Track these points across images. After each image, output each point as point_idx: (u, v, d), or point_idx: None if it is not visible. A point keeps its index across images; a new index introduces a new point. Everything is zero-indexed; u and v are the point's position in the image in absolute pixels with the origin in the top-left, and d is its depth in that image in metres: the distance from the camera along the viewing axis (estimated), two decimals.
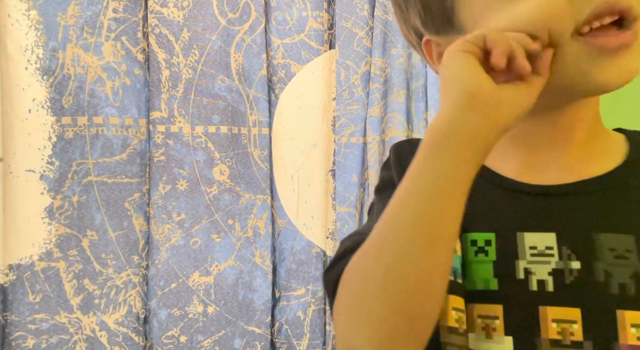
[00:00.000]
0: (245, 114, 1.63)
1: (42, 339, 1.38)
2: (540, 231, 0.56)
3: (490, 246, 0.57)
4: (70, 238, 1.42)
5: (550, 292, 0.53)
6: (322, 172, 1.74)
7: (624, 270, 0.52)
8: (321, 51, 1.73)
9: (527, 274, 0.55)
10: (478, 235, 0.57)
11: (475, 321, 0.55)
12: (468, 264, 0.57)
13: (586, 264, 0.53)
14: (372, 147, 1.82)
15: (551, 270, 0.54)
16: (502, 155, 0.61)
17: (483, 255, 0.57)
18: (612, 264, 0.53)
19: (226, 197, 1.61)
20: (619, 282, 0.52)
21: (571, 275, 0.53)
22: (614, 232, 0.54)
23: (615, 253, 0.53)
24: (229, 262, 1.61)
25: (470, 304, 0.56)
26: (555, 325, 0.52)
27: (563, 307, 0.53)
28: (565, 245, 0.55)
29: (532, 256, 0.55)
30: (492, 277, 0.56)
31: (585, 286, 0.53)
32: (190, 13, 1.56)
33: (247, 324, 1.61)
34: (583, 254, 0.54)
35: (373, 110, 1.82)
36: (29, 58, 1.38)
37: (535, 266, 0.55)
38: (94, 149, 1.44)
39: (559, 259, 0.54)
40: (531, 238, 0.56)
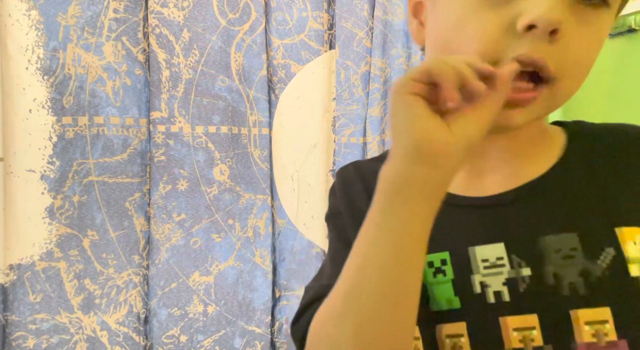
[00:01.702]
0: (246, 114, 1.64)
1: (42, 339, 1.38)
2: (490, 243, 0.56)
3: (446, 265, 0.57)
4: (71, 238, 1.42)
5: (507, 302, 0.54)
6: (323, 172, 1.74)
7: (572, 270, 0.53)
8: (321, 51, 1.74)
9: (483, 287, 0.55)
10: (434, 257, 0.57)
11: (445, 342, 0.56)
12: (429, 285, 0.57)
13: (536, 269, 0.54)
14: (372, 148, 1.82)
15: (505, 280, 0.55)
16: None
17: (441, 275, 0.57)
18: (560, 265, 0.53)
19: (226, 197, 1.61)
20: (568, 282, 0.53)
21: (524, 282, 0.54)
22: (557, 233, 0.54)
23: (562, 253, 0.54)
24: (229, 261, 1.61)
25: (438, 325, 0.56)
26: (517, 334, 0.53)
27: (521, 315, 0.53)
28: (514, 254, 0.55)
29: (485, 269, 0.56)
30: (454, 296, 0.56)
31: (538, 291, 0.53)
32: (190, 13, 1.56)
33: (247, 324, 1.62)
34: (532, 260, 0.54)
35: (373, 111, 1.83)
36: (29, 58, 1.37)
37: (490, 278, 0.55)
38: (94, 149, 1.44)
39: (511, 267, 0.55)
40: (482, 251, 0.56)
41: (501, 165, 0.60)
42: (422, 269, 0.49)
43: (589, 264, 0.52)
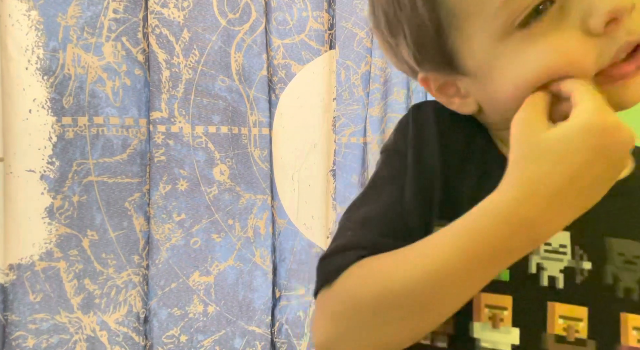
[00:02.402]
0: (246, 114, 1.64)
1: (42, 339, 1.39)
2: None
3: None
4: (71, 238, 1.42)
5: (560, 289, 0.54)
6: (323, 172, 1.74)
7: (631, 275, 0.54)
8: (321, 51, 1.73)
9: (539, 269, 0.55)
10: None
11: (482, 310, 0.55)
12: None
13: (597, 266, 0.54)
14: (372, 147, 1.82)
15: (563, 268, 0.55)
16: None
17: None
18: (620, 268, 0.54)
19: (226, 197, 1.61)
20: (625, 286, 0.54)
21: (582, 275, 0.54)
22: (624, 238, 0.55)
23: (624, 258, 0.54)
24: (229, 261, 1.61)
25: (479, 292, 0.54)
26: (562, 322, 0.53)
27: (571, 305, 0.54)
28: (579, 245, 0.55)
29: (546, 252, 0.56)
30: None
31: (594, 287, 0.54)
32: (190, 13, 1.56)
33: (247, 324, 1.62)
34: (595, 256, 0.55)
35: (373, 110, 1.82)
36: (29, 58, 1.38)
37: (548, 262, 0.55)
38: (94, 149, 1.44)
39: (572, 257, 0.55)
40: None
41: None
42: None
43: None
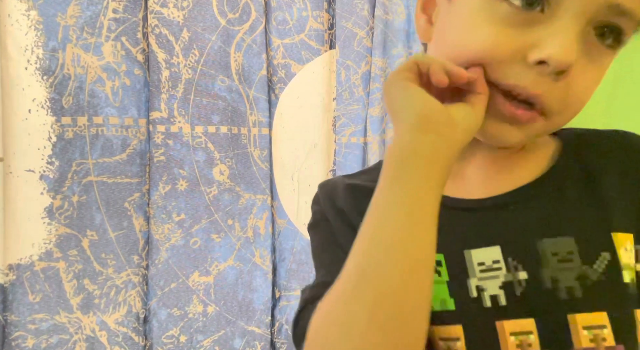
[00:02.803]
0: (245, 114, 1.63)
1: (42, 339, 1.38)
2: (485, 246, 0.56)
3: (441, 267, 0.56)
4: (70, 238, 1.42)
5: (503, 306, 0.53)
6: (323, 172, 1.74)
7: (569, 274, 0.52)
8: (321, 51, 1.73)
9: (479, 290, 0.55)
10: None
11: (439, 343, 0.55)
12: None
13: (533, 273, 0.53)
14: (373, 147, 1.82)
15: (501, 284, 0.54)
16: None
17: (436, 275, 0.56)
18: (557, 269, 0.53)
19: (226, 197, 1.61)
20: (566, 286, 0.52)
21: (520, 286, 0.53)
22: (554, 236, 0.54)
23: (559, 257, 0.53)
24: (229, 262, 1.61)
25: (431, 326, 0.54)
26: (514, 338, 0.52)
27: (518, 319, 0.53)
28: (511, 257, 0.55)
29: (482, 272, 0.55)
30: (449, 298, 0.55)
31: (535, 295, 0.53)
32: (190, 13, 1.56)
33: (246, 324, 1.61)
34: (528, 263, 0.54)
35: (374, 110, 1.82)
36: (28, 58, 1.37)
37: (486, 282, 0.55)
38: (93, 149, 1.44)
39: (507, 271, 0.54)
40: (477, 254, 0.56)
41: (488, 167, 0.60)
42: (434, 241, 0.47)
43: (586, 268, 0.52)
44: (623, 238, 0.53)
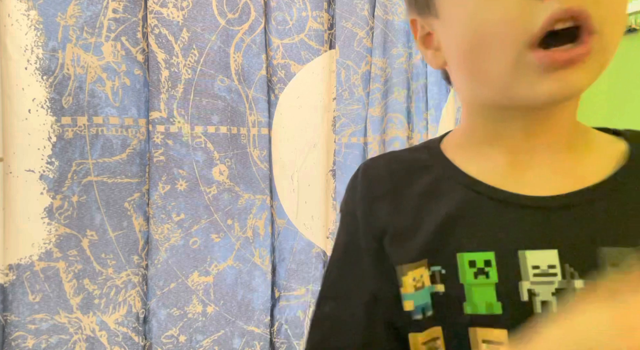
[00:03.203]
0: (245, 114, 1.63)
1: (42, 339, 1.38)
2: (542, 248, 0.53)
3: (490, 267, 0.54)
4: (70, 238, 1.41)
5: (554, 314, 0.49)
6: (322, 172, 1.74)
7: None
8: (321, 51, 1.73)
9: (531, 295, 0.52)
10: (476, 255, 0.54)
11: (480, 346, 0.53)
12: (467, 287, 0.54)
13: (589, 282, 0.51)
14: (373, 147, 1.82)
15: (554, 291, 0.52)
16: (485, 160, 0.60)
17: (484, 277, 0.54)
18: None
19: (225, 197, 1.60)
20: None
21: (575, 294, 0.51)
22: (617, 246, 0.51)
23: (617, 268, 0.50)
24: (228, 262, 1.60)
25: (473, 328, 0.53)
26: None
27: None
28: (568, 263, 0.52)
29: (535, 276, 0.52)
30: (496, 301, 0.53)
31: None
32: (189, 13, 1.56)
33: (246, 324, 1.61)
34: (586, 272, 0.51)
35: (374, 110, 1.83)
36: (28, 58, 1.37)
37: (539, 287, 0.52)
38: (93, 149, 1.44)
39: (562, 277, 0.52)
40: (533, 256, 0.53)
41: (551, 163, 0.57)
42: None
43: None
44: None
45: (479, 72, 0.54)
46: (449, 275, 0.55)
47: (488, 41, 0.50)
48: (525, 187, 0.56)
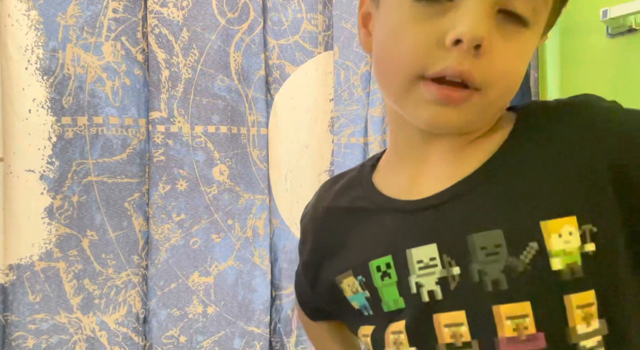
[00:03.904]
0: (245, 114, 1.64)
1: (42, 339, 1.38)
2: (423, 244, 0.58)
3: (390, 268, 0.60)
4: (70, 238, 1.41)
5: (439, 300, 0.57)
6: (315, 173, 1.74)
7: (495, 266, 0.54)
8: (315, 53, 1.73)
9: (418, 287, 0.58)
10: (380, 261, 0.61)
11: (389, 337, 0.61)
12: (379, 289, 0.62)
13: (464, 268, 0.56)
14: (374, 147, 1.83)
15: (437, 280, 0.57)
16: (393, 174, 0.67)
17: (387, 278, 0.61)
18: (484, 262, 0.55)
19: (226, 197, 1.61)
20: (492, 279, 0.54)
21: (454, 280, 0.56)
22: (483, 231, 0.56)
23: (486, 251, 0.55)
24: (229, 262, 1.61)
25: (391, 323, 0.61)
26: (447, 330, 0.56)
27: (451, 312, 0.56)
28: (445, 253, 0.57)
29: (420, 269, 0.58)
30: (399, 297, 0.60)
31: (465, 289, 0.56)
32: (189, 13, 1.56)
33: (246, 324, 1.62)
34: (460, 259, 0.56)
35: (374, 110, 1.83)
36: (29, 58, 1.37)
37: (424, 278, 0.58)
38: (93, 149, 1.44)
39: (442, 267, 0.57)
40: (417, 252, 0.59)
41: (440, 166, 0.62)
42: None
43: (513, 260, 0.54)
44: (557, 224, 0.54)
45: (382, 76, 0.62)
46: (368, 281, 0.62)
47: (392, 60, 0.58)
48: (420, 188, 0.62)
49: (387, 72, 0.60)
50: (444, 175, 0.61)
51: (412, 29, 0.55)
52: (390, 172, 0.67)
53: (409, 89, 0.56)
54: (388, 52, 0.59)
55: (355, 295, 0.65)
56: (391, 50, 0.58)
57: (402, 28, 0.56)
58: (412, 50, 0.55)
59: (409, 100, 0.57)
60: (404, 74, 0.56)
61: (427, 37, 0.54)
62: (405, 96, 0.57)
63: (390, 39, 0.58)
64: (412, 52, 0.55)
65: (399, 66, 0.56)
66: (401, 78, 0.56)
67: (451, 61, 0.52)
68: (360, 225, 0.66)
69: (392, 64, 0.58)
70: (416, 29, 0.55)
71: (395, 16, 0.57)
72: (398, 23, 0.57)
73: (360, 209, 0.67)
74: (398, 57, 0.56)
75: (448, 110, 0.55)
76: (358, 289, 0.64)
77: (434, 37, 0.53)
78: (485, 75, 0.53)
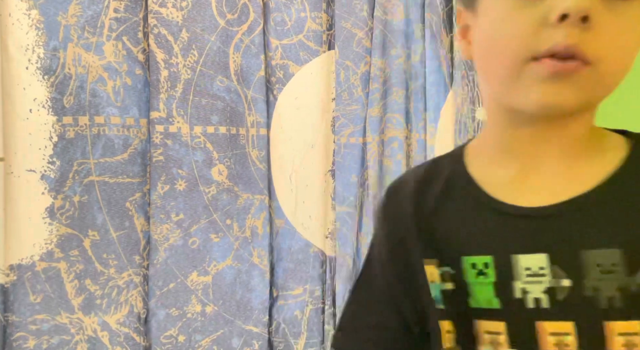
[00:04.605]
0: (244, 115, 1.64)
1: (43, 340, 1.38)
2: (533, 253, 0.59)
3: (488, 268, 0.61)
4: (72, 238, 1.41)
5: (545, 309, 0.58)
6: (321, 173, 1.74)
7: (611, 284, 0.56)
8: (320, 52, 1.74)
9: (524, 293, 0.59)
10: (477, 259, 0.62)
11: (483, 336, 0.62)
12: (471, 284, 0.63)
13: (576, 282, 0.57)
14: (372, 147, 1.83)
15: (545, 289, 0.58)
16: (496, 168, 0.66)
17: (483, 277, 0.62)
18: (599, 279, 0.56)
19: (224, 197, 1.61)
20: (607, 295, 0.56)
21: (563, 292, 0.58)
22: (600, 248, 0.57)
23: (602, 268, 0.56)
24: (227, 261, 1.61)
25: (476, 320, 0.62)
26: (552, 338, 0.57)
27: (558, 322, 0.57)
28: (557, 265, 0.58)
29: (528, 277, 0.59)
30: (494, 297, 0.61)
31: (576, 301, 0.57)
32: (189, 13, 1.56)
33: (245, 323, 1.62)
34: (572, 273, 0.57)
35: (372, 111, 1.83)
36: (29, 58, 1.37)
37: (530, 286, 0.59)
38: (95, 148, 1.44)
39: (552, 277, 0.58)
40: (525, 260, 0.60)
41: (552, 176, 0.62)
42: None
43: (628, 280, 0.55)
44: None
45: (488, 73, 0.63)
46: (456, 275, 0.64)
47: (499, 49, 0.58)
48: (528, 194, 0.62)
49: (495, 63, 0.60)
50: (558, 186, 0.61)
51: (516, 16, 0.56)
52: (490, 169, 0.67)
53: (519, 74, 0.56)
54: (493, 44, 0.60)
55: (431, 284, 0.66)
56: (498, 41, 0.59)
57: (505, 19, 0.57)
58: (519, 33, 0.56)
59: (519, 84, 0.57)
60: (513, 59, 0.56)
61: (532, 18, 0.55)
62: (515, 81, 0.57)
63: (495, 31, 0.59)
64: (519, 35, 0.56)
65: (507, 53, 0.57)
66: (510, 63, 0.57)
67: (559, 37, 0.53)
68: (453, 217, 0.66)
69: (499, 53, 0.58)
70: (520, 15, 0.55)
71: (496, 12, 0.58)
72: (500, 16, 0.58)
73: (453, 199, 0.67)
74: (505, 45, 0.57)
75: (560, 87, 0.55)
76: (436, 279, 0.65)
77: (539, 17, 0.54)
78: (594, 48, 0.54)
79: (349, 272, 1.79)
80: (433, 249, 0.66)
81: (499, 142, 0.66)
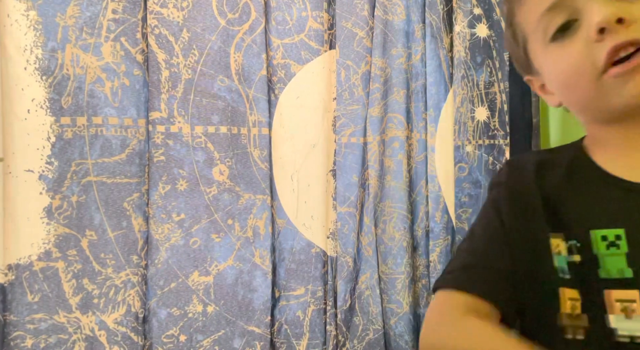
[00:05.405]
0: (245, 114, 1.63)
1: (40, 339, 1.39)
2: None
3: (621, 240, 0.67)
4: (69, 238, 1.42)
5: None
6: (322, 172, 1.74)
7: None
8: (321, 51, 1.73)
9: None
10: (607, 232, 0.68)
11: (615, 305, 0.66)
12: (600, 256, 0.68)
13: None
14: (372, 147, 1.82)
15: None
16: (616, 156, 0.73)
17: (615, 248, 0.67)
18: None
19: (226, 197, 1.61)
20: None
21: None
22: None
23: None
24: (229, 261, 1.61)
25: (607, 290, 0.66)
26: None
27: None
28: None
29: None
30: (627, 267, 0.66)
31: None
32: (189, 13, 1.56)
33: (246, 324, 1.62)
34: None
35: (373, 110, 1.82)
36: (28, 58, 1.38)
37: None
38: (93, 149, 1.45)
39: None
40: None
41: None
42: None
43: None
44: None
45: (575, 103, 0.74)
46: (584, 247, 0.69)
47: (569, 82, 0.69)
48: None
49: (572, 94, 0.71)
50: None
51: (566, 54, 0.67)
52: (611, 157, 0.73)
53: (599, 90, 0.65)
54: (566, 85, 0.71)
55: (557, 256, 0.71)
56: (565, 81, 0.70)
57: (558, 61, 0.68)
58: (574, 61, 0.65)
59: (608, 95, 0.65)
60: (586, 83, 0.66)
61: (581, 45, 0.64)
62: (601, 97, 0.66)
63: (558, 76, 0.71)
64: (577, 62, 0.65)
65: (580, 83, 0.67)
66: (586, 86, 0.66)
67: (611, 44, 0.62)
68: (581, 196, 0.72)
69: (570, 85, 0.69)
70: (569, 51, 0.66)
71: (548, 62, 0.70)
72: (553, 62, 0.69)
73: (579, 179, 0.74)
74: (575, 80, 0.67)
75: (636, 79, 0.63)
76: (563, 251, 0.70)
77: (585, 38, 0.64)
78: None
79: (350, 272, 1.78)
80: (559, 224, 0.72)
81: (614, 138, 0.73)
